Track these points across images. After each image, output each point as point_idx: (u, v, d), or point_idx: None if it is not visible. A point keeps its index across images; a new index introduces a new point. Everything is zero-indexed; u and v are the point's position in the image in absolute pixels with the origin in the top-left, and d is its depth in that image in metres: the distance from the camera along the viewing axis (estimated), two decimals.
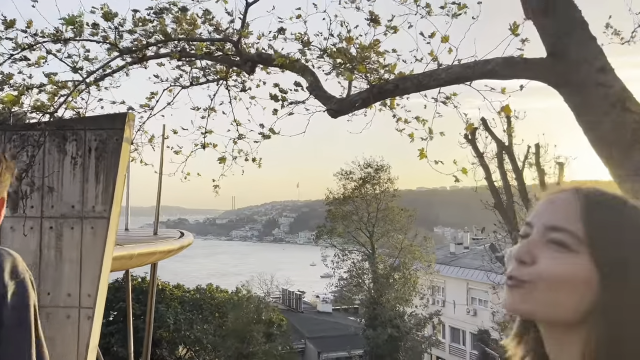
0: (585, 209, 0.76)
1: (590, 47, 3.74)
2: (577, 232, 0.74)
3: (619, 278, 0.71)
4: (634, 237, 0.73)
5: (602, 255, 0.72)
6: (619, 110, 3.47)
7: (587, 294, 0.73)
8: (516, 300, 0.76)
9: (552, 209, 0.79)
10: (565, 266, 0.74)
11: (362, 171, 26.18)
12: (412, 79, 4.53)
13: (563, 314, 0.74)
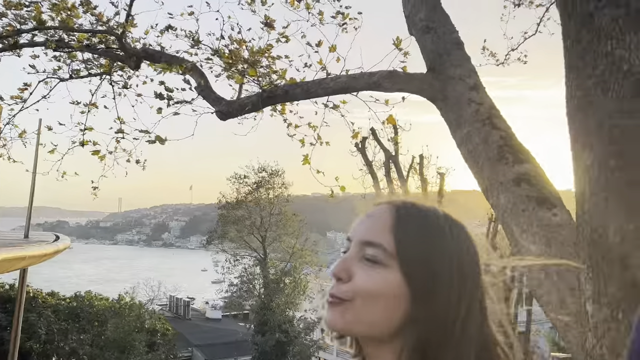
0: (395, 222, 0.76)
1: (465, 66, 4.01)
2: (387, 247, 0.75)
3: (426, 291, 0.73)
4: (440, 250, 0.74)
5: (410, 269, 0.73)
6: (487, 127, 3.72)
7: (399, 308, 0.73)
8: (335, 318, 0.76)
9: (368, 223, 0.79)
10: (377, 281, 0.74)
11: (257, 175, 26.13)
12: (301, 86, 4.58)
13: (377, 330, 0.74)
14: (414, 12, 4.39)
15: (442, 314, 0.72)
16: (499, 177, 3.47)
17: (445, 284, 0.73)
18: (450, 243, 0.75)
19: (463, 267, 0.75)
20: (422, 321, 0.72)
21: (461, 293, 0.73)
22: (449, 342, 0.71)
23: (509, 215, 3.29)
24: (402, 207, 0.79)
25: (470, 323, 0.73)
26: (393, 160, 13.85)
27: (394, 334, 0.75)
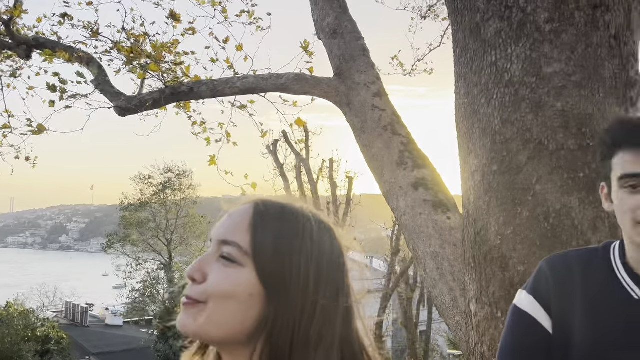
0: (253, 220, 0.74)
1: (370, 73, 4.11)
2: (242, 245, 0.72)
3: (280, 291, 0.71)
4: (297, 249, 0.72)
5: (264, 268, 0.71)
6: (389, 133, 3.82)
7: (253, 309, 0.71)
8: (187, 321, 0.72)
9: (227, 222, 0.76)
10: (231, 281, 0.71)
11: (163, 176, 25.25)
12: (207, 84, 4.47)
13: (232, 332, 0.72)
14: (322, 17, 4.43)
15: (296, 316, 0.70)
16: (398, 181, 3.57)
17: (300, 284, 0.71)
18: (308, 243, 0.73)
19: (322, 268, 0.73)
20: (275, 323, 0.70)
21: (318, 295, 0.71)
22: (303, 345, 0.69)
23: (408, 218, 3.39)
24: (261, 206, 0.76)
25: (329, 327, 0.71)
26: (304, 163, 13.98)
27: (249, 336, 0.72)
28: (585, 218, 1.67)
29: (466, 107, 1.92)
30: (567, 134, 1.69)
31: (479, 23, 1.85)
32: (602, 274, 1.15)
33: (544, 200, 1.69)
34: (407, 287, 17.67)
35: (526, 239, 1.71)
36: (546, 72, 1.72)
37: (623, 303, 1.11)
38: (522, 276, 1.69)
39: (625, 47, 1.73)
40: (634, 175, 1.04)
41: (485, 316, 1.81)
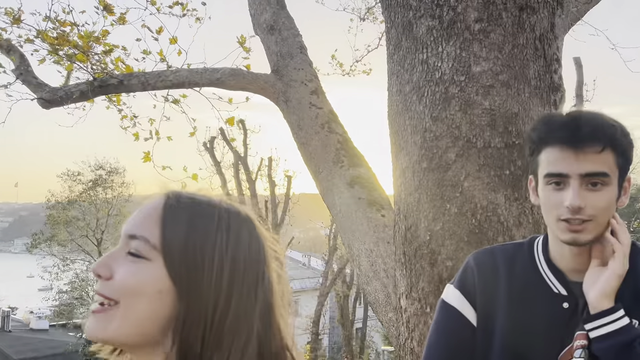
0: (163, 213, 0.70)
1: (307, 70, 4.09)
2: (150, 239, 0.68)
3: (192, 286, 0.67)
4: (208, 242, 0.69)
5: (174, 262, 0.67)
6: (326, 131, 3.83)
7: (164, 307, 0.67)
8: (97, 328, 0.68)
9: (137, 216, 0.72)
10: (138, 277, 0.67)
11: (93, 173, 24.20)
12: (138, 77, 4.30)
13: (143, 334, 0.68)
14: (259, 12, 4.37)
15: (208, 312, 0.66)
16: (334, 179, 3.58)
17: (212, 279, 0.67)
18: (223, 236, 0.70)
19: (238, 262, 0.69)
20: (186, 320, 0.66)
21: (233, 290, 0.68)
22: (216, 343, 0.66)
23: (343, 216, 3.41)
24: (173, 198, 0.72)
25: (245, 323, 0.68)
26: (242, 161, 13.81)
27: (161, 335, 0.68)
28: (511, 214, 1.72)
29: (398, 104, 1.93)
30: (494, 132, 1.73)
31: (411, 20, 1.87)
32: (525, 268, 1.18)
33: (472, 196, 1.72)
34: (344, 285, 17.87)
35: (454, 234, 1.74)
36: (475, 71, 1.75)
37: (544, 297, 1.14)
38: (450, 271, 1.72)
39: (549, 48, 1.80)
40: (558, 174, 1.06)
41: (415, 312, 1.83)
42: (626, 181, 1.11)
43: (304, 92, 3.96)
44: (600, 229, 1.08)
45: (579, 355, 1.09)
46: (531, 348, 1.13)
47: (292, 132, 3.94)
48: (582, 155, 1.03)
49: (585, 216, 1.04)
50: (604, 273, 1.07)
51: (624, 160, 1.08)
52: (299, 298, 23.96)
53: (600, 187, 1.05)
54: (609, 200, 1.06)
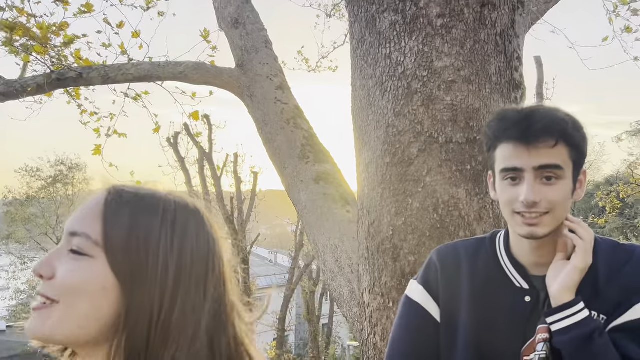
0: (104, 208, 0.68)
1: (272, 65, 4.06)
2: (92, 235, 0.66)
3: (136, 282, 0.65)
4: (152, 235, 0.67)
5: (117, 258, 0.65)
6: (291, 127, 3.81)
7: (108, 304, 0.65)
8: (36, 325, 0.65)
9: (79, 213, 0.70)
10: (80, 275, 0.65)
11: (53, 169, 23.51)
12: (98, 70, 4.18)
13: (86, 332, 0.65)
14: (223, 5, 4.32)
15: (153, 309, 0.64)
16: (300, 175, 3.57)
17: (157, 274, 0.65)
18: (168, 230, 0.68)
19: (185, 256, 0.67)
20: (131, 317, 0.64)
21: (180, 285, 0.66)
22: (162, 340, 0.64)
23: (308, 212, 3.40)
24: (115, 192, 0.70)
25: (193, 320, 0.66)
26: (207, 157, 13.62)
27: (106, 333, 0.66)
28: (472, 209, 1.73)
29: (361, 99, 1.92)
30: (456, 128, 1.74)
31: (374, 15, 1.86)
32: (488, 263, 1.19)
33: (434, 191, 1.73)
34: (310, 281, 17.89)
35: (416, 229, 1.74)
36: (437, 67, 1.76)
37: (507, 291, 1.15)
38: (412, 266, 1.72)
39: (510, 45, 1.82)
40: (512, 169, 1.07)
41: (378, 307, 1.83)
42: (582, 174, 1.12)
43: (269, 87, 3.93)
44: (557, 223, 1.09)
45: (541, 349, 1.10)
46: (494, 342, 1.13)
47: (258, 127, 3.91)
48: (535, 150, 1.05)
49: (540, 210, 1.06)
50: (566, 267, 1.09)
51: (578, 154, 1.08)
52: (266, 295, 23.88)
53: (554, 180, 1.06)
54: (564, 194, 1.07)
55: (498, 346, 1.13)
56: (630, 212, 16.00)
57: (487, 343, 1.14)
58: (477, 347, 1.15)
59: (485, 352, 1.14)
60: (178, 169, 13.75)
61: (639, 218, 15.09)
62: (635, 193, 10.98)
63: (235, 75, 4.06)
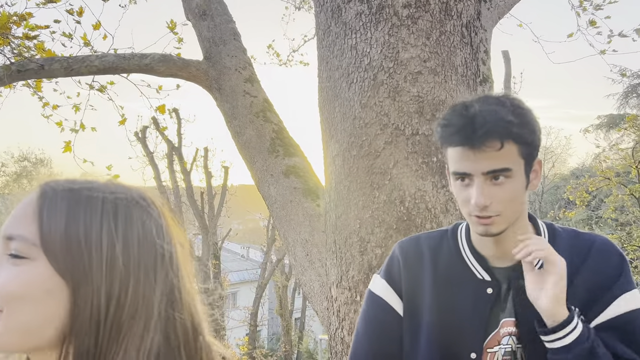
0: (38, 206, 0.65)
1: (241, 58, 4.00)
2: (29, 236, 0.63)
3: (82, 278, 0.62)
4: (93, 229, 0.64)
5: (58, 257, 0.62)
6: (261, 120, 3.76)
7: (55, 306, 0.62)
8: None
9: (14, 214, 0.66)
10: (21, 279, 0.61)
11: (17, 164, 22.89)
12: (61, 61, 4.05)
13: (35, 337, 0.62)
14: None
15: (101, 304, 0.62)
16: (270, 169, 3.54)
17: (103, 267, 0.63)
18: (109, 220, 0.65)
19: (129, 246, 0.64)
20: (79, 315, 0.61)
21: (129, 276, 0.63)
22: (114, 333, 0.62)
23: (278, 206, 3.37)
24: (48, 188, 0.66)
25: (145, 311, 0.63)
26: (176, 151, 13.41)
27: (57, 335, 0.63)
28: (438, 201, 1.73)
29: (328, 90, 1.89)
30: (422, 120, 1.73)
31: (340, 5, 1.83)
32: (450, 256, 1.19)
33: (400, 184, 1.72)
34: (282, 275, 17.87)
35: (383, 222, 1.73)
36: (403, 57, 1.74)
37: (469, 283, 1.15)
38: (379, 259, 1.71)
39: (476, 36, 1.81)
40: (462, 173, 1.07)
41: (346, 300, 1.81)
42: (536, 164, 1.11)
43: (237, 80, 3.87)
44: (511, 219, 1.09)
45: (507, 342, 1.11)
46: (457, 334, 1.13)
47: (226, 121, 3.86)
48: (483, 154, 1.04)
49: (492, 212, 1.06)
50: (549, 277, 1.06)
51: (529, 149, 1.08)
52: (238, 290, 23.76)
53: (503, 180, 1.05)
54: (515, 192, 1.07)
55: (461, 338, 1.13)
56: (594, 204, 16.43)
57: (450, 335, 1.14)
58: (440, 340, 1.15)
59: (448, 344, 1.14)
60: (147, 164, 13.54)
61: (602, 209, 15.51)
62: (602, 186, 11.25)
63: (202, 67, 3.99)
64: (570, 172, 22.48)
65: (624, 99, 19.80)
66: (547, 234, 1.19)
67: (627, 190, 10.91)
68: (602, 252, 1.14)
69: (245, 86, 3.85)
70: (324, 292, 2.86)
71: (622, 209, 11.99)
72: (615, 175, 11.04)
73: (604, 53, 4.54)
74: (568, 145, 27.14)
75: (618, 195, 11.33)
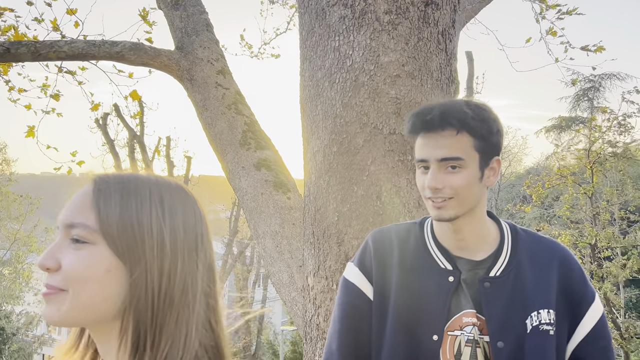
0: (94, 196, 0.73)
1: (213, 49, 4.01)
2: (89, 223, 0.71)
3: (137, 258, 0.71)
4: (142, 214, 0.72)
5: (115, 240, 0.71)
6: (232, 112, 3.80)
7: (114, 285, 0.70)
8: (51, 311, 0.71)
9: (71, 204, 0.75)
10: (85, 261, 0.70)
11: None
12: (27, 45, 3.97)
13: (99, 313, 0.71)
14: None
15: (154, 280, 0.70)
16: (241, 161, 3.58)
17: (154, 247, 0.71)
18: (157, 205, 0.73)
19: (175, 228, 0.73)
20: (136, 292, 0.70)
21: (177, 254, 0.72)
22: (167, 306, 0.70)
23: (249, 198, 3.42)
24: (100, 181, 0.75)
25: (192, 284, 0.73)
26: (138, 140, 13.19)
27: (117, 311, 0.71)
28: (412, 197, 1.84)
29: (310, 89, 1.98)
30: (399, 120, 1.84)
31: (324, 8, 1.92)
32: (417, 246, 1.29)
33: (377, 180, 1.82)
34: (243, 267, 17.87)
35: (360, 215, 1.83)
36: (383, 61, 1.84)
37: (433, 271, 1.25)
38: (356, 250, 1.81)
39: (450, 43, 1.93)
40: (421, 160, 1.19)
41: (322, 289, 1.91)
42: (494, 162, 1.21)
43: (209, 71, 3.89)
44: (463, 207, 1.19)
45: (469, 331, 1.21)
46: (420, 317, 1.23)
47: (197, 112, 3.87)
48: (440, 141, 1.16)
49: (445, 195, 1.17)
50: None
51: (485, 144, 1.18)
52: None
53: (457, 169, 1.16)
54: (467, 181, 1.17)
55: (423, 321, 1.23)
56: (547, 202, 17.07)
57: (414, 318, 1.23)
58: (404, 322, 1.24)
59: (412, 326, 1.23)
60: (107, 152, 13.27)
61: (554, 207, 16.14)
62: (558, 183, 11.72)
63: (174, 57, 3.99)
64: (526, 170, 23.24)
65: (576, 101, 20.65)
66: (509, 235, 1.29)
67: (581, 190, 11.41)
68: (566, 265, 1.26)
69: (218, 78, 3.87)
70: (292, 283, 2.95)
71: (574, 207, 12.52)
72: (570, 174, 11.52)
73: (558, 61, 4.79)
74: (525, 144, 28.04)
75: (573, 194, 11.81)
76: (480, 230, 1.25)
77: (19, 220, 22.97)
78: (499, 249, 1.26)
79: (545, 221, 16.81)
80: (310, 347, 1.97)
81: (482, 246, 1.26)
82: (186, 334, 0.70)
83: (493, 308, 1.20)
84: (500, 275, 1.22)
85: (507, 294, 1.21)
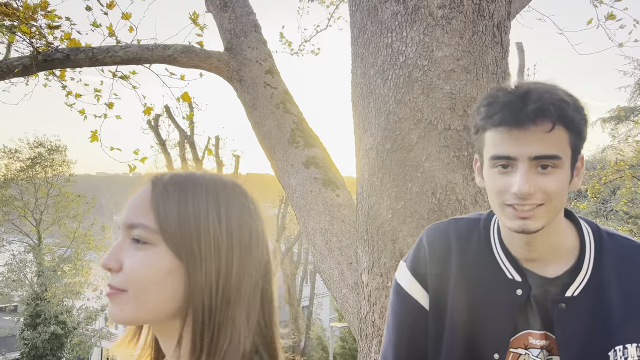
0: (153, 197, 0.74)
1: (261, 49, 4.07)
2: (149, 224, 0.72)
3: (196, 259, 0.71)
4: (201, 215, 0.73)
5: (175, 241, 0.71)
6: (281, 111, 3.84)
7: (175, 284, 0.71)
8: (115, 311, 0.73)
9: (131, 205, 0.76)
10: (146, 263, 0.71)
11: (32, 151, 23.09)
12: (86, 51, 4.15)
13: (161, 311, 0.72)
14: None
15: (212, 278, 0.71)
16: (290, 159, 3.61)
17: (211, 247, 0.72)
18: (212, 205, 0.74)
19: (231, 226, 0.74)
20: (195, 290, 0.71)
21: (233, 252, 0.73)
22: (225, 304, 0.71)
23: (298, 195, 3.45)
24: (158, 181, 0.76)
25: (248, 281, 0.73)
26: (188, 140, 13.55)
27: (178, 310, 0.73)
28: (468, 193, 1.82)
29: (362, 86, 1.98)
30: (454, 115, 1.81)
31: (376, 5, 1.91)
32: (480, 248, 1.12)
33: (432, 176, 1.81)
34: (291, 264, 18.03)
35: (415, 212, 1.82)
36: (437, 56, 1.82)
37: (498, 280, 1.08)
38: (410, 247, 1.80)
39: (506, 36, 1.89)
40: (504, 157, 0.95)
41: (377, 286, 1.90)
42: (579, 161, 1.00)
43: (258, 72, 3.94)
44: (552, 216, 0.98)
45: (537, 355, 1.06)
46: (481, 333, 1.09)
47: (247, 112, 3.93)
48: (531, 135, 0.93)
49: (535, 201, 0.95)
50: None
51: (578, 138, 0.96)
52: None
53: (551, 169, 0.94)
54: (561, 184, 0.95)
55: (485, 337, 1.08)
56: (604, 196, 16.42)
57: (474, 334, 1.09)
58: (463, 337, 1.10)
59: (472, 342, 1.09)
60: (159, 152, 13.68)
61: (611, 201, 15.51)
62: (615, 178, 11.19)
63: (224, 59, 4.06)
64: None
65: (636, 91, 19.66)
66: (593, 243, 1.07)
67: None
68: None
69: (266, 77, 3.92)
70: (343, 279, 2.96)
71: (633, 201, 11.98)
72: (628, 167, 10.99)
73: (622, 46, 4.57)
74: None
75: (631, 188, 11.28)
76: (555, 240, 1.04)
77: (77, 219, 23.95)
78: (579, 262, 1.04)
79: (602, 216, 16.18)
80: (365, 343, 1.97)
81: (556, 258, 1.05)
82: (243, 330, 0.71)
83: (568, 334, 1.01)
84: (578, 296, 1.02)
85: (586, 318, 1.02)
